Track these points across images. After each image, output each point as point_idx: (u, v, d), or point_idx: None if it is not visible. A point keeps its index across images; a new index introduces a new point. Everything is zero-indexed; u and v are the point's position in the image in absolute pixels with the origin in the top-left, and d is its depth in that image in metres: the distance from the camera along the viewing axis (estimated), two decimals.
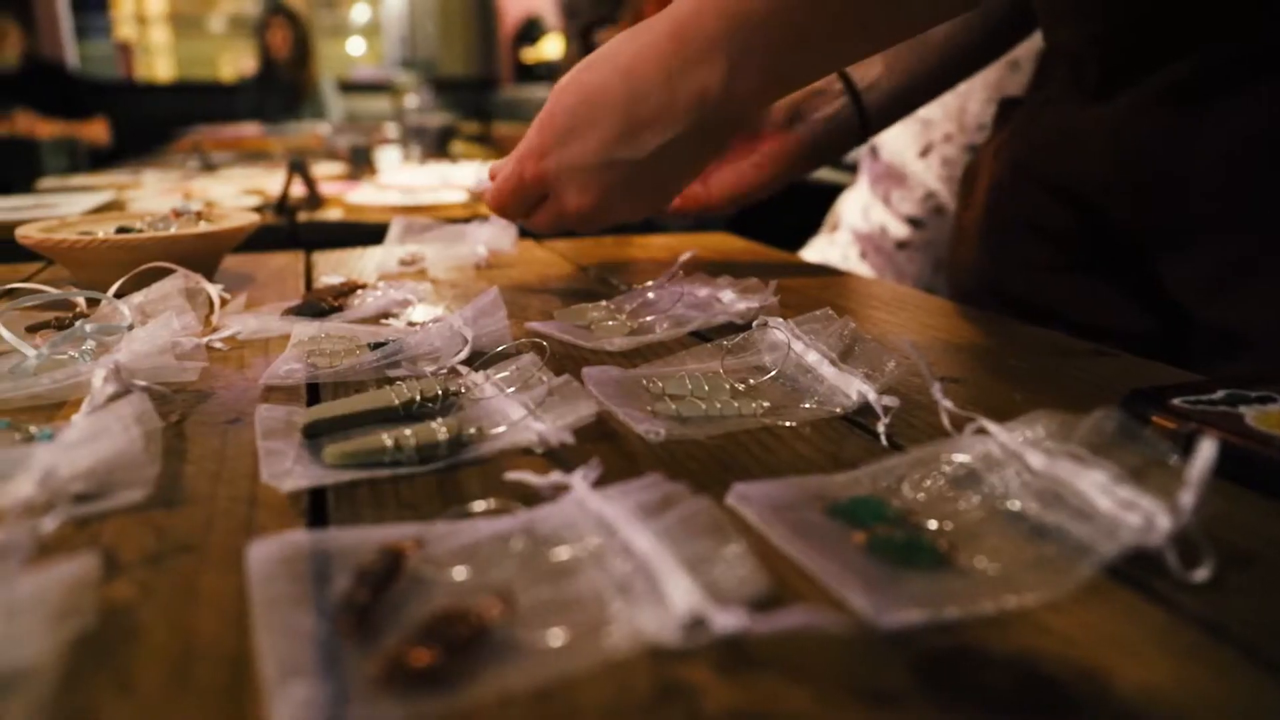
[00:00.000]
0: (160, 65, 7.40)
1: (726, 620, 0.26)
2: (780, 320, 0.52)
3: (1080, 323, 0.70)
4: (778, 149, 0.82)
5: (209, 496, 0.38)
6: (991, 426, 0.38)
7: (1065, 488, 0.34)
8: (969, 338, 0.61)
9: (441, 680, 0.25)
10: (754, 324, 0.53)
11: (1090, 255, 0.75)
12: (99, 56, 6.64)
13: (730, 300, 0.62)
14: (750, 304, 0.61)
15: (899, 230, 1.34)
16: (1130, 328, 0.73)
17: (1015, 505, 0.35)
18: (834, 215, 1.51)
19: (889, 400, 0.45)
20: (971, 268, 0.87)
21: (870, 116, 0.83)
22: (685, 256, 0.69)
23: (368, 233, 1.17)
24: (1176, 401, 0.43)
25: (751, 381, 0.49)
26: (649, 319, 0.62)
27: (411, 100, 2.83)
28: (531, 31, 6.16)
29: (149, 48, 7.37)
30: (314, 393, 0.51)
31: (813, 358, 0.49)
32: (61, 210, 1.20)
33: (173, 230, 0.77)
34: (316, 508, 0.37)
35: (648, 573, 0.29)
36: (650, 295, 0.64)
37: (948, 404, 0.41)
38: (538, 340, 0.57)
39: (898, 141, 1.33)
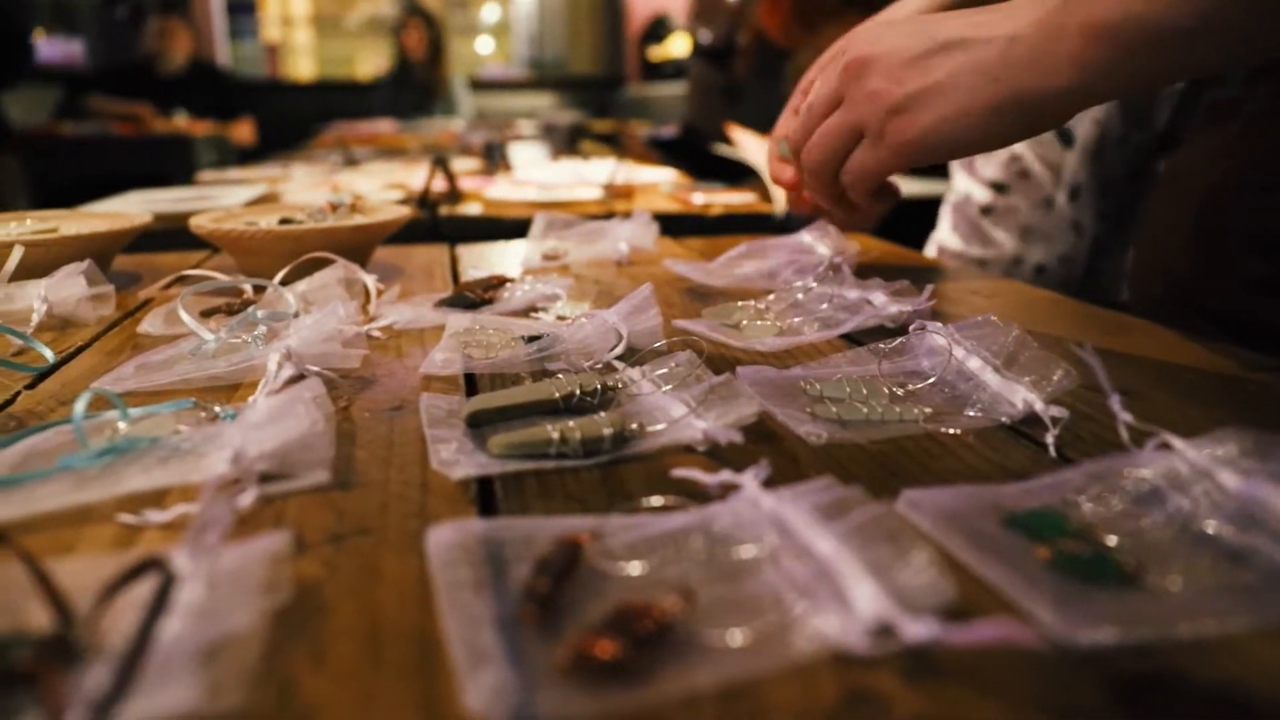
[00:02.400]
0: (302, 65, 7.70)
1: (917, 629, 0.26)
2: (939, 325, 0.51)
3: None
4: None
5: (382, 481, 0.39)
6: (1177, 442, 0.36)
7: (1265, 510, 0.32)
8: (1140, 348, 0.59)
9: (627, 674, 0.26)
10: (910, 328, 0.52)
11: None
12: (249, 57, 6.96)
13: (882, 303, 0.61)
14: (902, 307, 0.60)
15: (982, 195, 1.30)
16: None
17: (1208, 526, 0.33)
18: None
19: (1057, 411, 0.43)
20: (1165, 274, 0.82)
21: None
22: (833, 258, 0.68)
23: (506, 227, 1.20)
24: None
25: (910, 387, 0.48)
26: (797, 320, 0.61)
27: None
28: (659, 30, 6.18)
29: (293, 48, 7.68)
30: (471, 383, 0.52)
31: (975, 364, 0.48)
32: (221, 202, 1.26)
33: (330, 222, 0.80)
34: (485, 496, 0.38)
35: (829, 577, 0.28)
36: (799, 296, 0.64)
37: (1127, 417, 0.40)
38: (695, 339, 0.57)
39: None
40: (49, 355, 0.58)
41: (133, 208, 1.21)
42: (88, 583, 0.30)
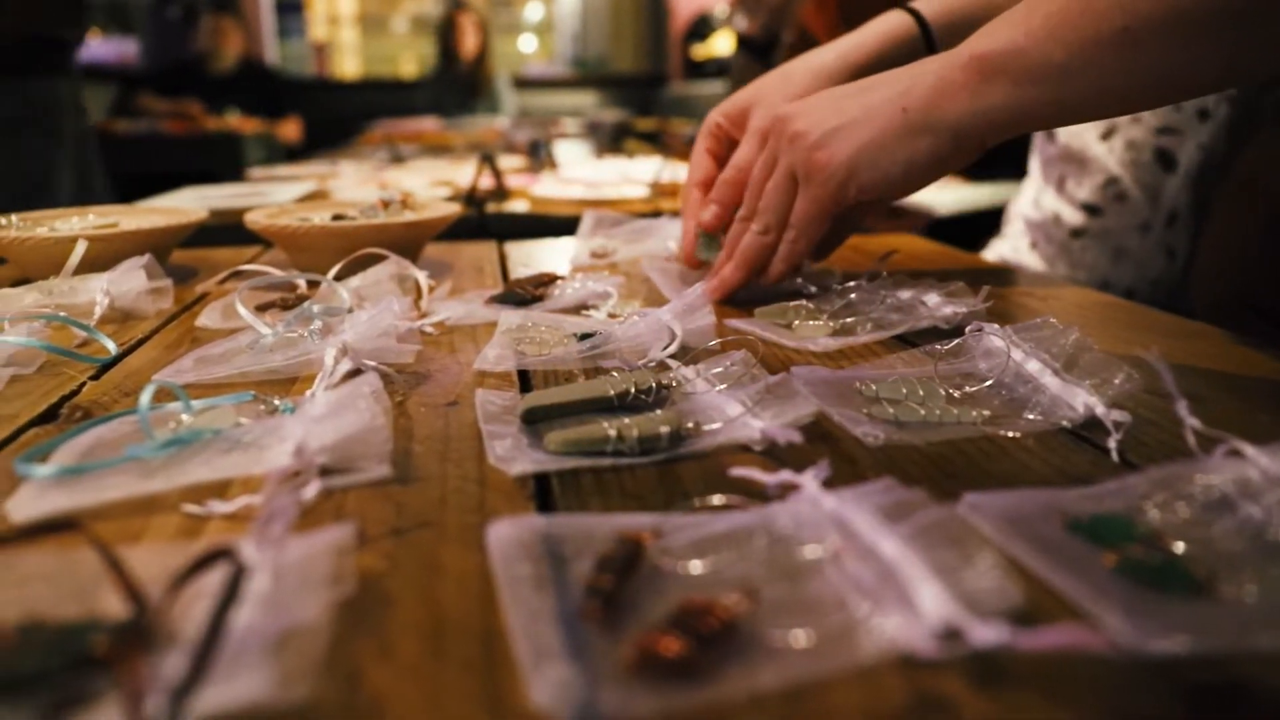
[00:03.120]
0: (348, 63, 7.78)
1: (986, 634, 0.25)
2: (996, 326, 0.50)
3: None
4: None
5: (440, 475, 0.39)
6: (1248, 449, 0.35)
7: None
8: (1205, 352, 0.58)
9: (691, 672, 0.26)
10: (966, 330, 0.52)
11: None
12: (296, 55, 7.05)
13: (936, 304, 0.60)
14: (957, 309, 0.59)
15: (1073, 218, 1.27)
16: None
17: None
18: (1010, 211, 1.45)
19: (1119, 415, 0.42)
20: (1231, 276, 0.80)
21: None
22: (886, 256, 0.67)
23: (553, 225, 1.20)
24: None
25: (967, 389, 0.48)
26: (849, 320, 0.61)
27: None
28: (702, 28, 6.17)
29: (339, 47, 7.77)
30: (524, 379, 0.52)
31: (1033, 367, 0.47)
32: (272, 198, 1.28)
33: (382, 218, 0.81)
34: (542, 492, 0.38)
35: (894, 579, 0.28)
36: (852, 296, 0.63)
37: (1194, 422, 0.39)
38: (749, 338, 0.56)
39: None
40: (111, 347, 0.59)
41: (187, 204, 1.23)
42: (156, 571, 0.31)
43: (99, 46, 5.31)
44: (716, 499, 0.34)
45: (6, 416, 0.48)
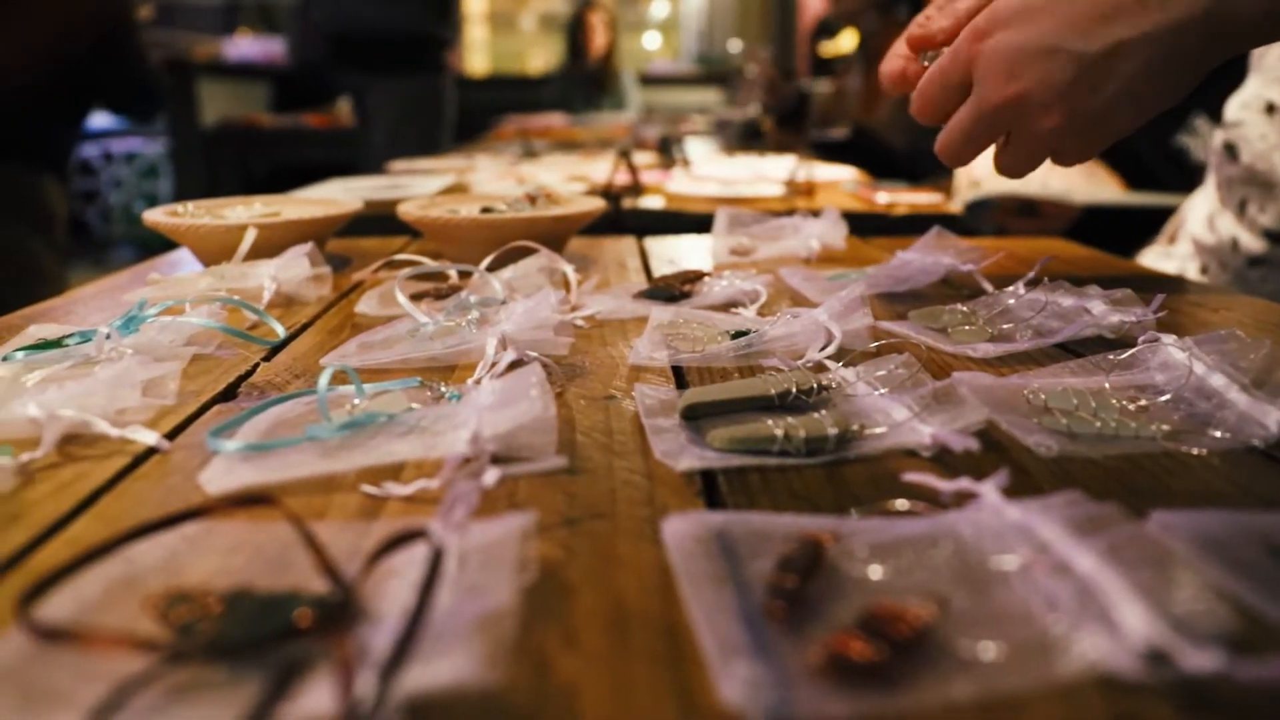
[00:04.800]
0: (477, 60, 7.96)
1: (1200, 659, 0.24)
2: (1174, 337, 0.48)
3: None
4: None
5: (606, 467, 0.40)
6: None
7: None
8: None
9: (882, 677, 0.25)
10: (1140, 340, 0.50)
11: None
12: None
13: (1101, 312, 0.58)
14: (1125, 317, 0.57)
15: (1254, 245, 1.19)
16: None
17: None
18: (1173, 224, 1.37)
19: None
20: None
21: None
22: (1045, 261, 0.65)
23: (686, 221, 1.20)
24: None
25: (1143, 401, 0.46)
26: (1006, 326, 0.59)
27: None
28: (830, 25, 6.08)
29: (469, 44, 7.95)
30: (679, 375, 0.53)
31: (1218, 381, 0.45)
32: (414, 190, 1.31)
33: (530, 212, 0.82)
34: (708, 489, 0.38)
35: (1092, 596, 0.27)
36: (1010, 302, 0.61)
37: None
38: (908, 342, 0.55)
39: (1264, 141, 1.17)
40: (280, 330, 0.62)
41: (335, 195, 1.27)
42: (342, 548, 0.32)
43: (248, 45, 5.56)
44: (900, 504, 0.34)
45: (191, 393, 0.51)
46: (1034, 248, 0.94)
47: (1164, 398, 0.46)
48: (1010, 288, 0.63)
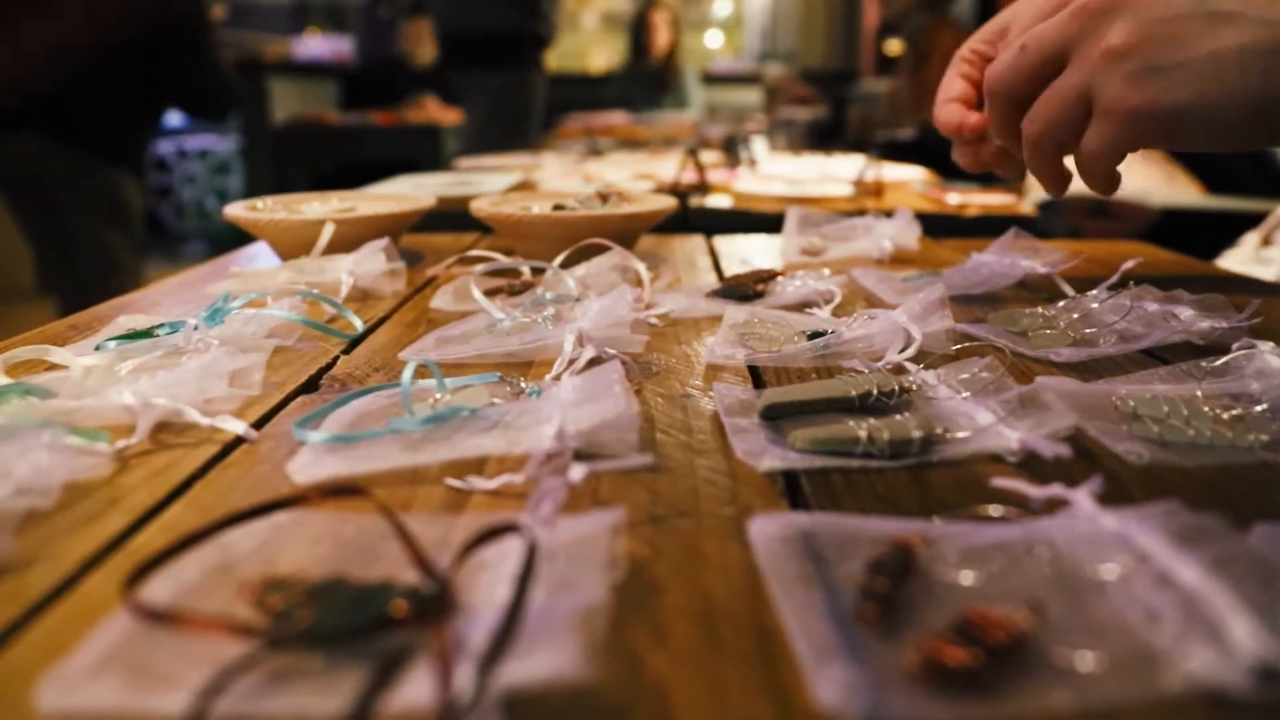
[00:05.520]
0: None
1: None
2: (1272, 345, 0.47)
3: None
4: None
5: (688, 465, 0.40)
6: None
7: None
8: None
9: (979, 685, 0.25)
10: (1234, 347, 0.48)
11: None
12: None
13: (1190, 318, 0.57)
14: (1216, 323, 0.55)
15: None
16: None
17: None
18: (1269, 224, 1.32)
19: None
20: None
21: None
22: (1129, 264, 0.63)
23: (753, 220, 1.20)
24: None
25: (1238, 410, 0.44)
26: (1089, 331, 0.58)
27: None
28: (892, 28, 6.01)
29: None
30: (755, 374, 0.52)
31: None
32: (482, 187, 1.33)
33: (603, 210, 0.83)
34: (790, 489, 0.38)
35: (1197, 609, 0.26)
36: (1093, 306, 0.60)
37: None
38: (991, 345, 0.54)
39: None
40: (358, 324, 0.63)
41: (406, 191, 1.29)
42: (428, 541, 0.33)
43: (318, 44, 5.66)
44: (993, 509, 0.33)
45: (274, 384, 0.52)
46: (1114, 251, 0.92)
47: (1260, 407, 0.45)
48: (1093, 291, 0.61)
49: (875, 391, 0.44)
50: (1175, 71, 0.50)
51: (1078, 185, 0.61)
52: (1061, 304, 0.62)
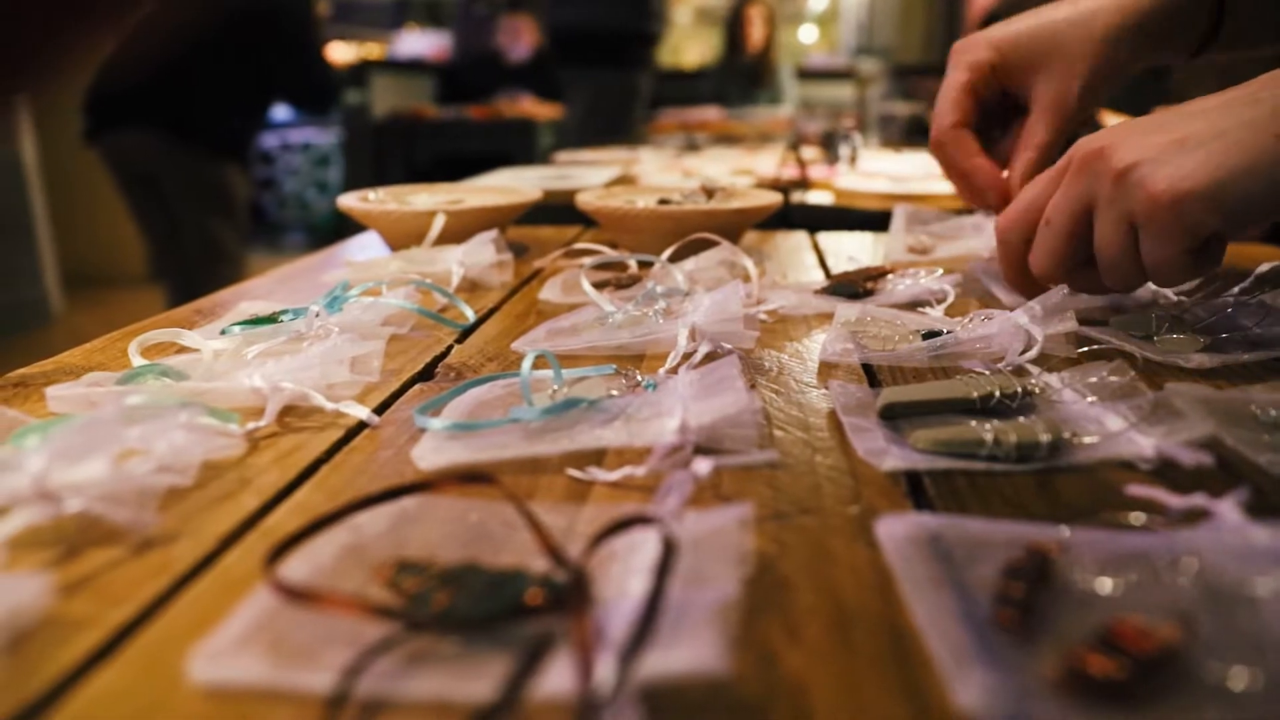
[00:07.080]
0: None
1: None
2: None
3: None
4: None
5: (808, 462, 0.40)
6: None
7: None
8: None
9: (1126, 697, 0.24)
10: None
11: None
12: None
13: None
14: None
15: None
16: None
17: None
18: None
19: None
20: None
21: None
22: (1264, 268, 0.61)
23: (854, 217, 1.18)
24: None
25: None
26: (1223, 336, 0.56)
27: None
28: (999, 16, 5.87)
29: None
30: (869, 373, 0.52)
31: None
32: (583, 181, 1.33)
33: (709, 205, 0.83)
34: (913, 490, 0.37)
35: None
36: (1229, 310, 0.58)
37: None
38: (1118, 348, 0.53)
39: None
40: (470, 314, 0.64)
41: (508, 184, 1.31)
42: (554, 530, 0.33)
43: (416, 40, 5.77)
44: (1135, 517, 0.32)
45: (391, 371, 0.53)
46: (1244, 253, 0.88)
47: None
48: (1224, 295, 0.59)
49: (997, 393, 0.44)
50: (1196, 151, 0.49)
51: None
52: (1190, 307, 0.60)
